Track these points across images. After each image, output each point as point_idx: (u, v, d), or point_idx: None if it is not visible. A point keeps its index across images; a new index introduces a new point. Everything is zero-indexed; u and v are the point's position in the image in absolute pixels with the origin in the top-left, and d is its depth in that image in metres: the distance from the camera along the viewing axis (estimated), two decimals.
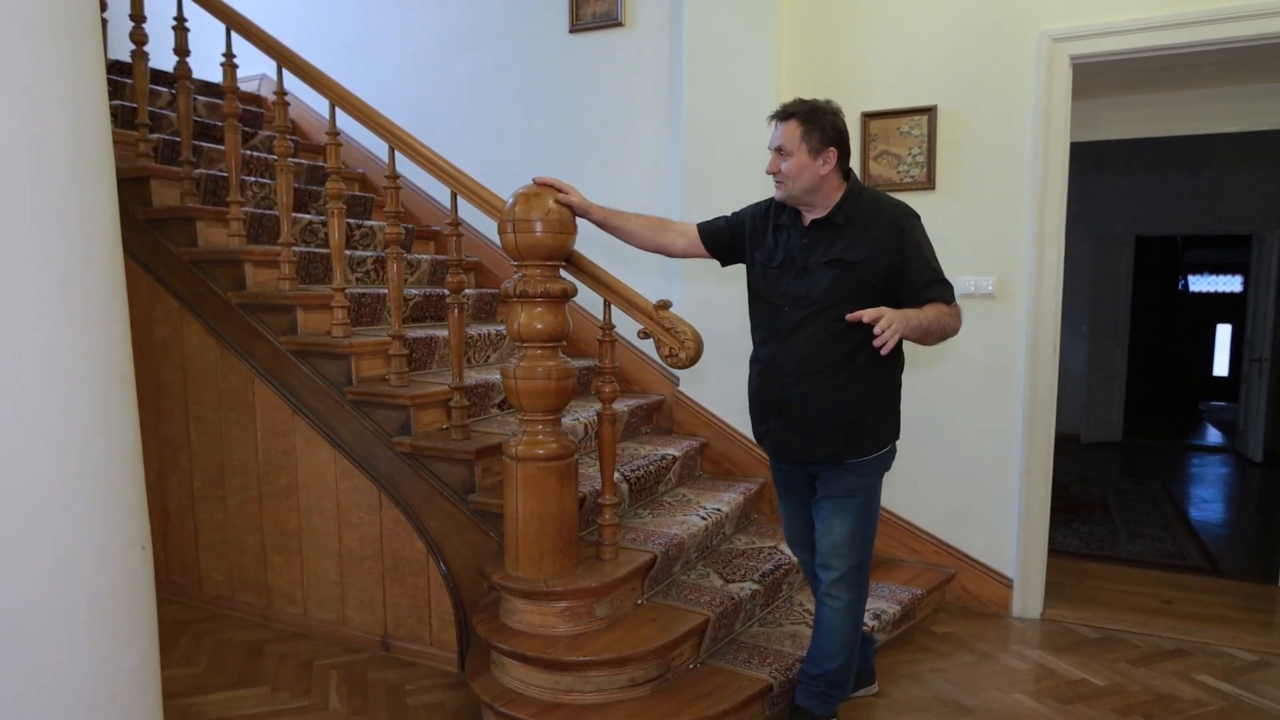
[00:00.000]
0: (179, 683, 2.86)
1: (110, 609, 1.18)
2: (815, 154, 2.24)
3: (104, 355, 1.17)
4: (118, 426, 1.21)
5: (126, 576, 1.22)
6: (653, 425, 3.92)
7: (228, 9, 3.24)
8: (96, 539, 1.16)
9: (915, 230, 2.24)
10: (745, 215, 2.50)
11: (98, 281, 1.17)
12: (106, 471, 1.19)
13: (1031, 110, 3.23)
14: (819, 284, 2.24)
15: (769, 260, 2.37)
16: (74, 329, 1.12)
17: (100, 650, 1.15)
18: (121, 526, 1.22)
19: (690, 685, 2.54)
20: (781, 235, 2.36)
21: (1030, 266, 3.27)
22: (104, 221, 1.23)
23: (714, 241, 2.53)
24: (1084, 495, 5.85)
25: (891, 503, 3.59)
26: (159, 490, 3.58)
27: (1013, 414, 3.35)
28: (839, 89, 3.51)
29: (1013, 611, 3.39)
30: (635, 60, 3.91)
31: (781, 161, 2.26)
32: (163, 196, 3.41)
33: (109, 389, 1.18)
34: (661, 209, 3.86)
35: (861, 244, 2.20)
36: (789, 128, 2.26)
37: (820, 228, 2.29)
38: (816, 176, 2.25)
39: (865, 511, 2.36)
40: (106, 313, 1.20)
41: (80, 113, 1.21)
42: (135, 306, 3.47)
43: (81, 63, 1.22)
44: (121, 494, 1.23)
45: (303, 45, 4.72)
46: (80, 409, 1.14)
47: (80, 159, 1.19)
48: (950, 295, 2.24)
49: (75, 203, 1.15)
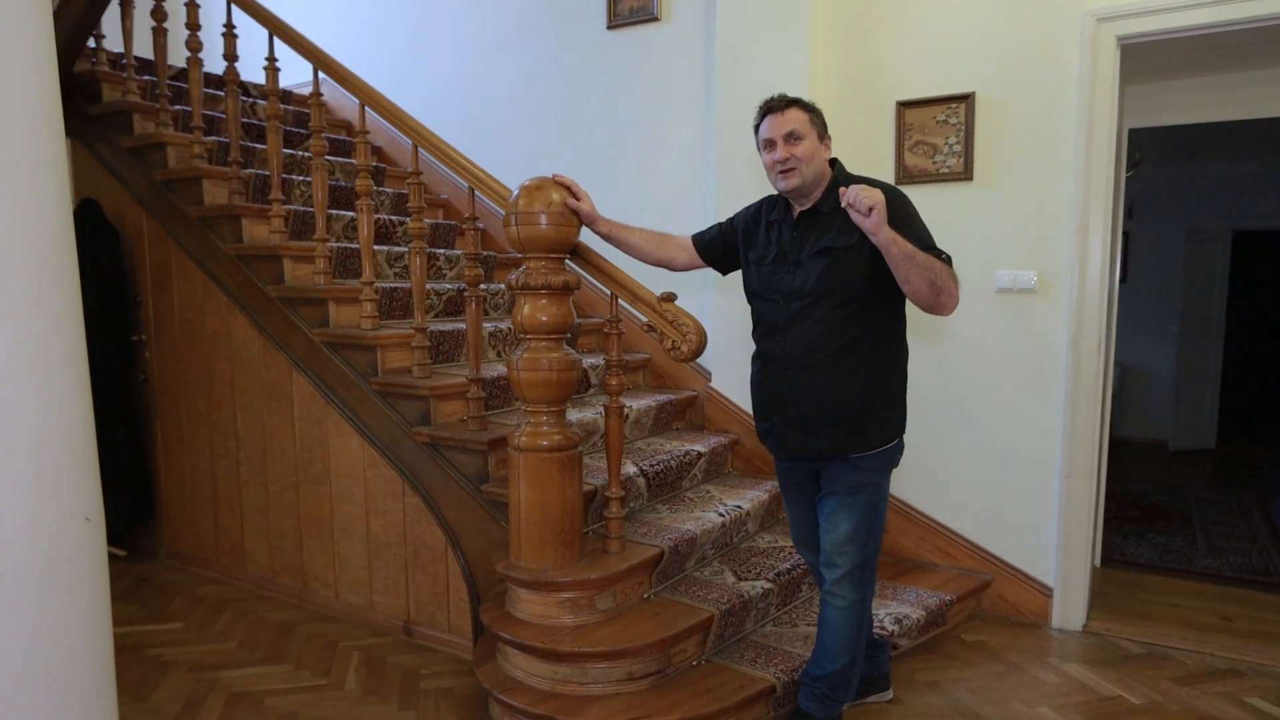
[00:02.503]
0: (211, 657, 3.01)
1: (45, 578, 1.26)
2: (821, 139, 2.24)
3: (41, 334, 1.24)
4: (58, 402, 1.29)
5: (67, 547, 1.30)
6: (685, 421, 3.89)
7: (270, 15, 3.38)
8: (32, 510, 1.23)
9: (903, 207, 2.16)
10: (738, 219, 2.49)
11: (35, 264, 1.25)
12: (43, 445, 1.27)
13: (1075, 95, 3.07)
14: (811, 275, 2.19)
15: (763, 257, 2.34)
16: (4, 311, 1.20)
17: (34, 621, 1.22)
18: (60, 498, 1.30)
19: (691, 682, 2.52)
20: (774, 231, 2.33)
21: (1073, 260, 3.11)
22: (43, 207, 1.30)
23: (707, 250, 2.54)
24: (1164, 505, 5.51)
25: (923, 503, 3.47)
26: (210, 475, 3.77)
27: (1053, 414, 3.19)
28: (873, 78, 3.43)
29: (1052, 622, 3.22)
30: (671, 54, 3.90)
31: (794, 147, 2.21)
32: (213, 195, 3.59)
33: (47, 366, 1.26)
34: (695, 204, 3.85)
35: (850, 229, 2.14)
36: (796, 113, 2.22)
37: (809, 218, 2.25)
38: (823, 161, 2.24)
39: (870, 508, 2.29)
40: (46, 294, 1.28)
41: (13, 97, 1.26)
42: (190, 300, 3.68)
43: (13, 49, 1.28)
44: (60, 467, 1.31)
45: (363, 47, 4.93)
46: (12, 386, 1.21)
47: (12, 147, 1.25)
48: (946, 260, 2.11)
49: (9, 191, 1.23)
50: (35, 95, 1.29)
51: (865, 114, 3.45)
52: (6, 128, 1.23)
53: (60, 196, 1.33)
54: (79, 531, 1.34)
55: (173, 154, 3.71)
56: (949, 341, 3.37)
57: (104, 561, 1.44)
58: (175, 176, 3.66)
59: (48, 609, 1.28)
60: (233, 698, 2.72)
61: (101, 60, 3.99)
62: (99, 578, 1.41)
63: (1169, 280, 7.05)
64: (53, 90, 1.35)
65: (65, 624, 1.31)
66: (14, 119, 1.24)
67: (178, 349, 3.83)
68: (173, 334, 3.84)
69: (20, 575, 1.24)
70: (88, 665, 1.35)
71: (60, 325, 1.31)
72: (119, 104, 3.86)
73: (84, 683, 1.35)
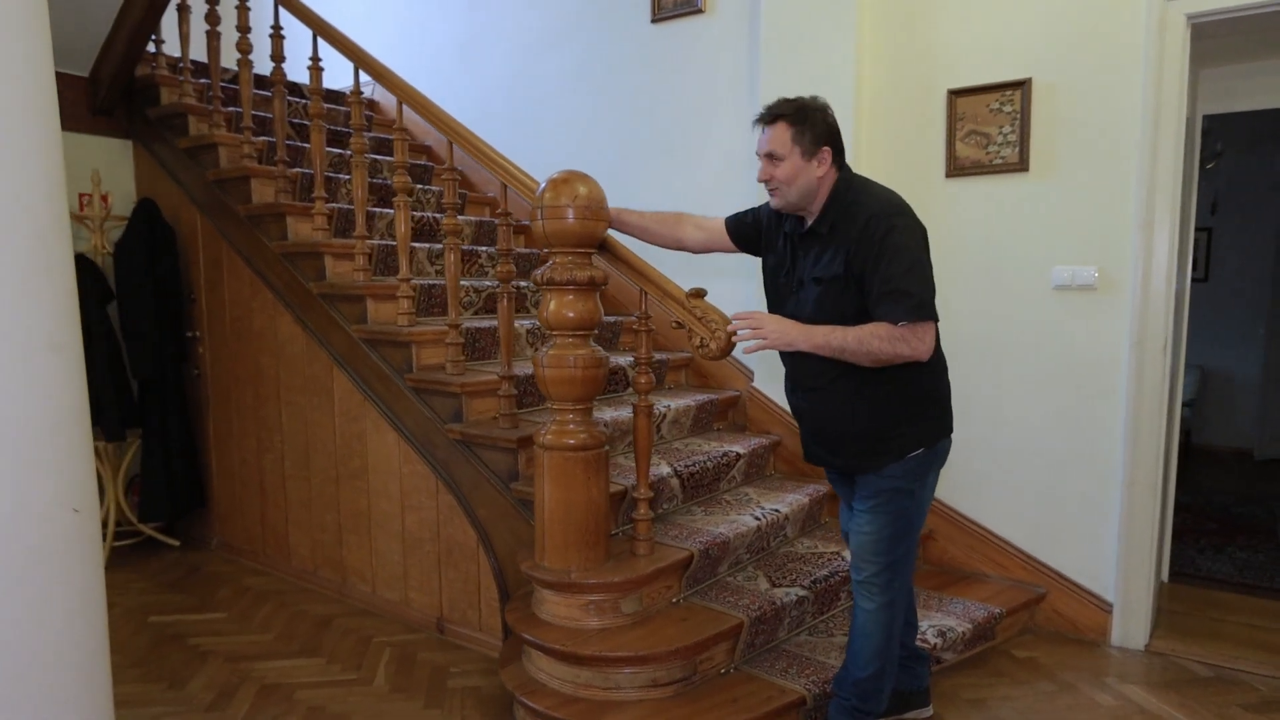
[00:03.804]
0: (249, 647, 3.05)
1: (29, 567, 1.26)
2: (809, 155, 2.08)
3: (28, 324, 1.25)
4: (44, 392, 1.30)
5: (52, 537, 1.31)
6: (727, 422, 3.81)
7: (314, 15, 3.42)
8: (14, 499, 1.24)
9: (889, 235, 1.98)
10: (763, 214, 2.39)
11: (22, 256, 1.26)
12: (28, 435, 1.28)
13: (1141, 79, 2.88)
14: (807, 302, 2.12)
15: (777, 268, 2.27)
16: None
17: (16, 608, 1.23)
18: (46, 488, 1.31)
19: (717, 691, 2.44)
20: (787, 243, 2.24)
21: (1137, 255, 2.92)
22: (31, 199, 1.31)
23: (742, 236, 2.45)
24: (1246, 517, 5.17)
25: (974, 510, 3.31)
26: (257, 468, 3.84)
27: (1115, 419, 3.00)
28: (924, 67, 3.29)
29: (1111, 640, 3.03)
30: (715, 47, 3.82)
31: (774, 168, 2.10)
32: (261, 194, 3.66)
33: (33, 356, 1.27)
34: (737, 196, 3.74)
35: (838, 258, 2.03)
36: (777, 130, 2.09)
37: (810, 239, 2.14)
38: (813, 180, 2.10)
39: (898, 514, 2.18)
40: (34, 284, 1.29)
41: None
42: (239, 297, 3.76)
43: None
44: (46, 457, 1.31)
45: (415, 49, 4.98)
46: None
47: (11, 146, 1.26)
48: (903, 314, 1.95)
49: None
50: (24, 88, 1.30)
51: (914, 104, 3.32)
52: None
53: (52, 188, 1.34)
54: (66, 522, 1.35)
55: (224, 154, 3.80)
56: (1001, 340, 3.20)
57: (96, 552, 1.45)
58: (226, 176, 3.74)
59: (31, 597, 1.29)
60: (264, 689, 2.75)
61: (160, 64, 4.11)
62: (89, 568, 1.42)
63: (1256, 279, 6.63)
64: (45, 83, 1.36)
65: (51, 613, 1.32)
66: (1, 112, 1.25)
67: (229, 345, 3.92)
68: (224, 330, 3.92)
69: (1, 564, 1.25)
70: (77, 654, 1.36)
71: (49, 315, 1.32)
72: (175, 106, 3.97)
73: (73, 671, 1.35)
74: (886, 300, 1.96)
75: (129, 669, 2.90)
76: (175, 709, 2.64)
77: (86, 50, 4.03)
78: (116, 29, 3.96)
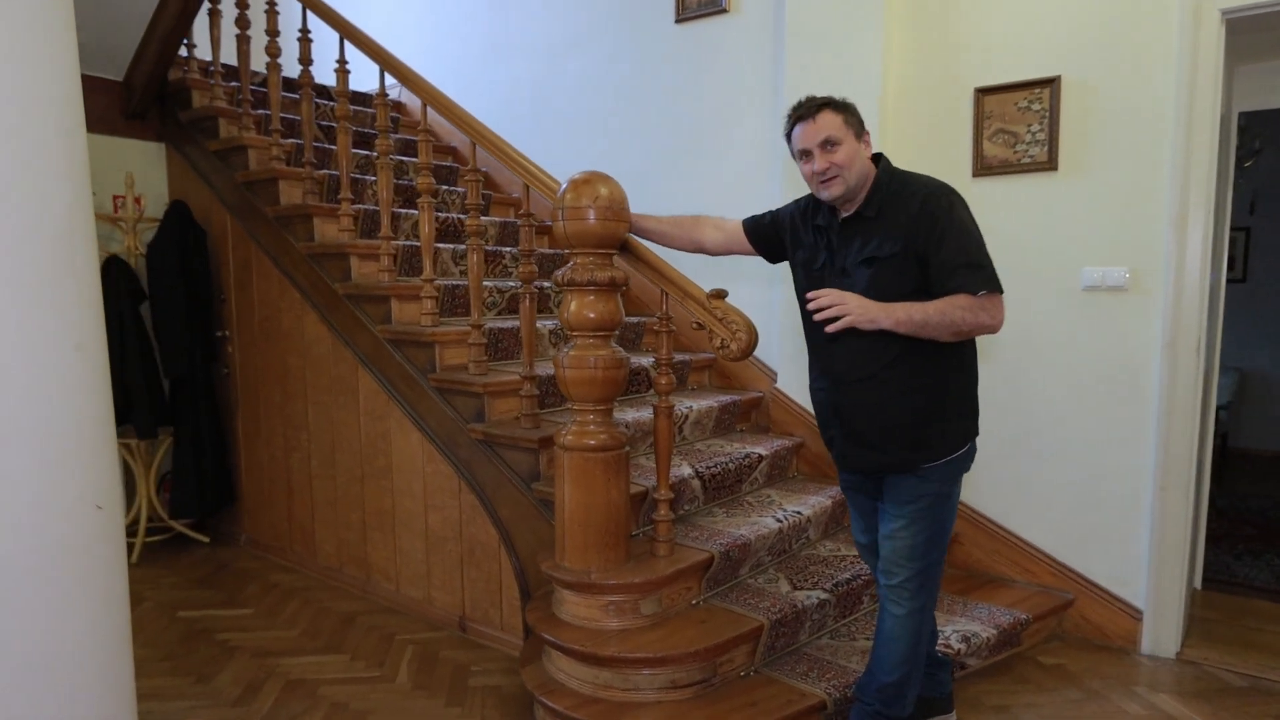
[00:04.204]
0: (275, 643, 3.09)
1: (53, 563, 1.29)
2: (859, 139, 2.10)
3: (52, 325, 1.28)
4: (68, 391, 1.32)
5: (75, 533, 1.33)
6: (751, 423, 3.79)
7: (340, 19, 3.46)
8: (38, 497, 1.27)
9: (951, 210, 2.00)
10: (785, 213, 2.37)
11: (46, 257, 1.28)
12: (52, 434, 1.30)
13: (1174, 76, 2.82)
14: (857, 286, 2.08)
15: (811, 261, 2.24)
16: (12, 304, 1.23)
17: (41, 602, 1.26)
18: (69, 486, 1.33)
19: (737, 694, 2.42)
20: (822, 236, 2.21)
21: (1169, 255, 2.86)
22: (55, 202, 1.34)
23: (758, 237, 2.44)
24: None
25: (1000, 514, 3.27)
26: (284, 466, 3.89)
27: (1146, 422, 2.94)
28: (951, 65, 3.25)
29: (1141, 648, 2.98)
30: (739, 46, 3.80)
31: (832, 154, 2.08)
32: (289, 196, 3.70)
33: (57, 356, 1.30)
34: (761, 197, 3.73)
35: (895, 236, 2.01)
36: (828, 117, 2.07)
37: (854, 224, 2.12)
38: (866, 163, 2.10)
39: (933, 518, 2.15)
40: (57, 285, 1.31)
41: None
42: (267, 297, 3.81)
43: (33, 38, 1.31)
44: (70, 455, 1.34)
45: (443, 52, 5.02)
46: (18, 375, 1.25)
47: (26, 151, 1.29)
48: (982, 284, 1.96)
49: (18, 191, 1.26)
50: (51, 92, 1.33)
51: (940, 102, 3.28)
52: (18, 125, 1.27)
53: (77, 191, 1.37)
54: (90, 518, 1.37)
55: (253, 156, 3.85)
56: (1029, 341, 3.15)
57: (120, 548, 1.48)
58: (255, 178, 3.80)
59: (55, 592, 1.32)
60: (289, 685, 2.79)
61: (193, 68, 4.18)
62: (112, 564, 1.45)
63: None
64: (72, 87, 1.39)
65: (73, 607, 1.35)
66: (27, 116, 1.28)
67: (257, 344, 3.97)
68: (252, 330, 3.98)
69: (26, 559, 1.28)
70: (99, 648, 1.38)
71: (72, 315, 1.35)
72: (206, 109, 4.03)
73: (95, 665, 1.38)
74: (963, 272, 1.96)
75: (159, 662, 2.96)
76: (203, 703, 2.68)
77: (121, 55, 4.11)
78: (149, 34, 4.03)
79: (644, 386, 3.54)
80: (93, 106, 4.13)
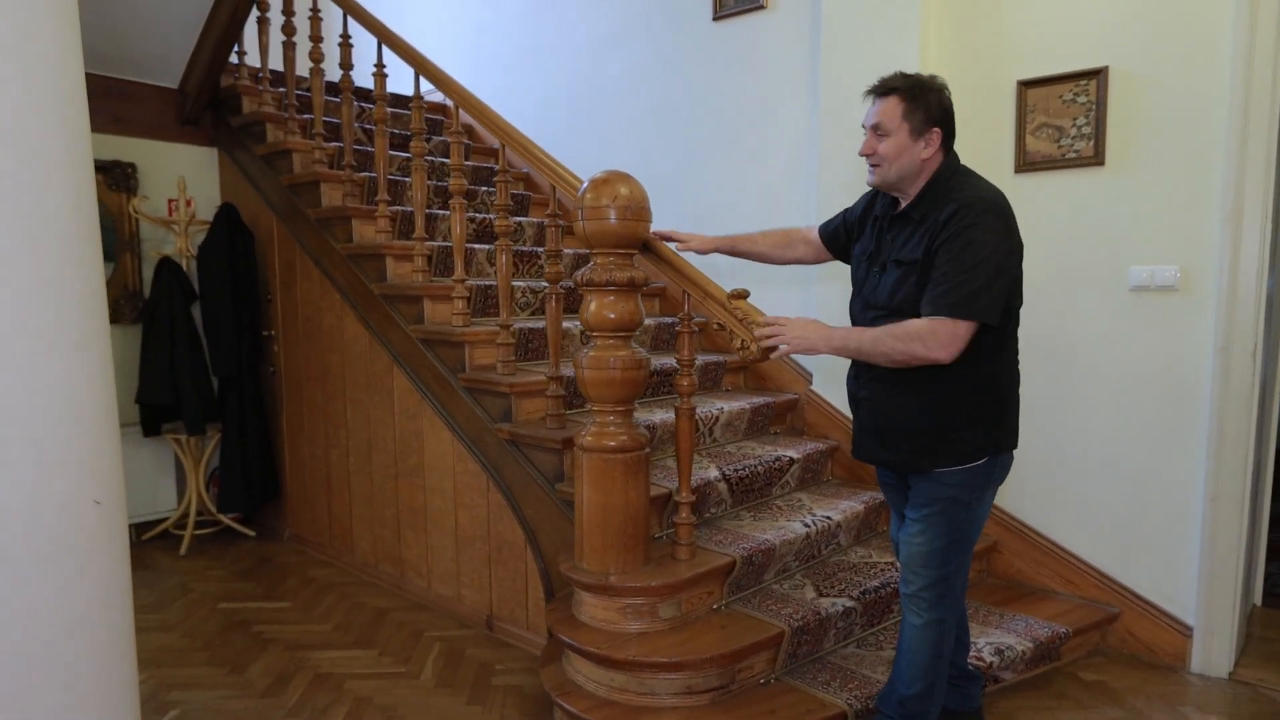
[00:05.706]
0: (308, 637, 3.16)
1: (49, 558, 1.33)
2: (917, 135, 2.00)
3: (50, 323, 1.31)
4: (67, 389, 1.36)
5: (72, 529, 1.37)
6: (785, 426, 3.72)
7: (378, 23, 3.51)
8: (33, 492, 1.31)
9: (970, 227, 1.89)
10: (855, 209, 2.34)
11: (43, 255, 1.32)
12: (49, 430, 1.34)
13: (1228, 66, 2.68)
14: (885, 286, 2.05)
15: (863, 252, 2.21)
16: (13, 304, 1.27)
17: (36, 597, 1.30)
18: (66, 482, 1.37)
19: (754, 701, 2.38)
20: (875, 228, 2.17)
21: (1223, 253, 2.71)
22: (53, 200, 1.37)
23: (831, 241, 2.42)
24: None
25: (1043, 523, 3.15)
26: (325, 463, 3.97)
27: (1197, 429, 2.80)
28: (992, 58, 3.15)
29: (1191, 666, 2.83)
30: (775, 42, 3.74)
31: (878, 142, 2.04)
32: (330, 198, 3.78)
33: (55, 354, 1.33)
34: (799, 195, 3.68)
35: (921, 242, 1.96)
36: (889, 104, 2.03)
37: (900, 221, 2.08)
38: (917, 161, 2.02)
39: (950, 525, 2.08)
40: (55, 283, 1.35)
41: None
42: (310, 298, 3.90)
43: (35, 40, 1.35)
44: (67, 452, 1.38)
45: (488, 51, 5.07)
46: (14, 372, 1.29)
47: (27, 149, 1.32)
48: (940, 305, 1.88)
49: (14, 185, 1.30)
50: (50, 90, 1.36)
51: (982, 95, 3.17)
52: (15, 124, 1.31)
53: (79, 189, 1.40)
54: (87, 515, 1.41)
55: (297, 160, 3.94)
56: (1073, 344, 3.03)
57: (121, 544, 1.52)
58: (299, 181, 3.89)
59: (51, 587, 1.36)
60: (318, 678, 2.84)
61: (243, 75, 4.29)
62: (112, 559, 1.48)
63: None
64: (74, 84, 1.42)
65: (70, 603, 1.39)
66: (23, 114, 1.31)
67: (301, 344, 4.06)
68: (296, 330, 4.07)
69: (20, 553, 1.32)
70: (97, 645, 1.42)
71: (71, 313, 1.39)
72: (255, 115, 4.14)
73: (94, 662, 1.41)
74: (932, 288, 1.90)
75: (198, 652, 3.04)
76: (234, 693, 2.74)
77: (176, 64, 4.25)
78: (202, 41, 4.16)
79: (674, 388, 3.50)
80: (150, 113, 4.32)
